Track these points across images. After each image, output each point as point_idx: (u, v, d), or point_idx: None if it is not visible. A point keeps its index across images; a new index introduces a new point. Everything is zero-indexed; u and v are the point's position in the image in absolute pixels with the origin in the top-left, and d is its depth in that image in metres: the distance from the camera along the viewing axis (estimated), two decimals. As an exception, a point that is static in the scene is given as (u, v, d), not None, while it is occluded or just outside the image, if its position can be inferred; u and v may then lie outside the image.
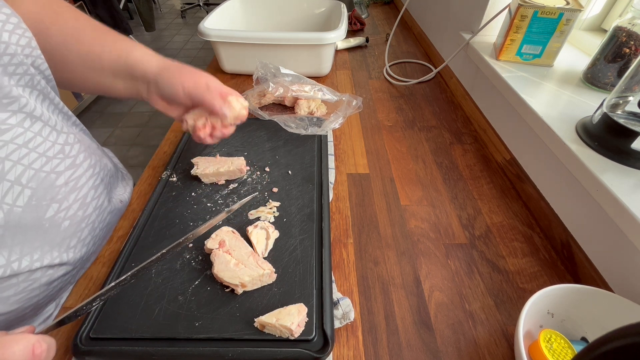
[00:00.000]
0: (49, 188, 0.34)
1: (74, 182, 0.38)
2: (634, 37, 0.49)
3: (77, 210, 0.38)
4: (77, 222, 0.39)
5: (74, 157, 0.38)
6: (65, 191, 0.37)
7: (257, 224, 0.44)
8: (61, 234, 0.37)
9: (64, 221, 0.37)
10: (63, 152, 0.37)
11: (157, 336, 0.34)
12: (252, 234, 0.42)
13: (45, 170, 0.34)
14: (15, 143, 0.31)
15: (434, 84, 0.85)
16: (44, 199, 0.34)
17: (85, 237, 0.41)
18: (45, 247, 0.35)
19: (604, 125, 0.43)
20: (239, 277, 0.37)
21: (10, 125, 0.31)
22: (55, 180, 0.35)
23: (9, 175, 0.31)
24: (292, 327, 0.33)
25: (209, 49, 3.21)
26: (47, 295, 0.38)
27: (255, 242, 0.41)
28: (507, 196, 0.55)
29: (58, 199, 0.36)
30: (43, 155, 0.34)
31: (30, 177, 0.33)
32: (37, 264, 0.34)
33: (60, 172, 0.36)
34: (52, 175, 0.35)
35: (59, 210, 0.36)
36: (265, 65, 0.71)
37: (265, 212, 0.47)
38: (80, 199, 0.39)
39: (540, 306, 0.35)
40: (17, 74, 0.32)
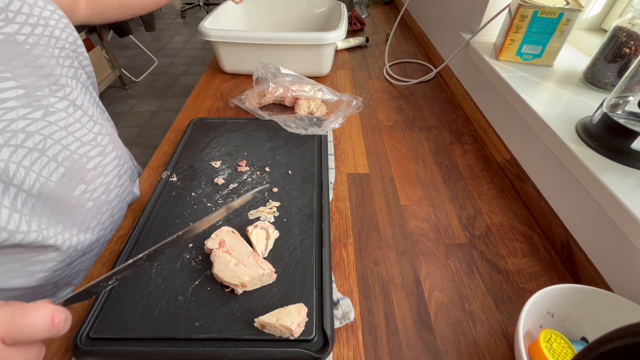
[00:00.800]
0: (80, 169, 0.38)
1: (101, 168, 0.42)
2: (634, 37, 0.49)
3: (102, 194, 0.42)
4: (99, 204, 0.42)
5: (104, 147, 0.43)
6: (94, 175, 0.40)
7: (257, 224, 0.44)
8: (84, 214, 0.40)
9: (88, 202, 0.40)
10: (95, 140, 0.41)
11: (157, 336, 0.34)
12: (252, 234, 0.42)
13: (79, 153, 0.38)
14: (58, 125, 0.35)
15: (434, 84, 0.85)
16: (74, 179, 0.38)
17: (104, 220, 0.44)
18: (67, 223, 0.38)
19: (604, 125, 0.43)
20: (239, 277, 0.37)
21: (57, 109, 0.35)
22: (86, 163, 0.39)
23: (49, 152, 0.34)
24: (292, 327, 0.33)
25: (209, 49, 3.21)
26: (67, 276, 0.40)
27: (255, 242, 0.41)
28: (507, 196, 0.55)
29: (86, 180, 0.39)
30: (79, 139, 0.38)
31: (65, 156, 0.36)
32: (64, 241, 0.37)
33: (91, 157, 0.40)
34: (84, 158, 0.39)
35: (85, 191, 0.39)
36: (265, 65, 0.71)
37: (265, 212, 0.47)
38: (105, 184, 0.43)
39: (540, 306, 0.35)
40: (66, 66, 0.37)
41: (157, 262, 0.41)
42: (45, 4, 0.35)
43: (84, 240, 0.40)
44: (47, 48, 0.34)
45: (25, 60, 0.32)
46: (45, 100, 0.34)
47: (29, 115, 0.32)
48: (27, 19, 0.32)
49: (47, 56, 0.34)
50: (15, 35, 0.32)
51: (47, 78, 0.34)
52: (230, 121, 0.65)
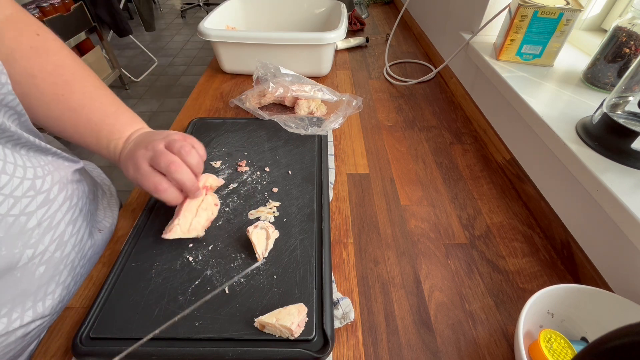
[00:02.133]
0: (19, 233, 0.31)
1: (48, 221, 0.34)
2: (634, 37, 0.49)
3: (54, 252, 0.35)
4: (54, 265, 0.35)
5: (47, 192, 0.35)
6: (39, 233, 0.33)
7: (257, 224, 0.43)
8: (37, 282, 0.33)
9: (39, 267, 0.33)
10: (34, 188, 0.33)
11: (157, 336, 0.34)
12: (252, 234, 0.42)
13: (14, 214, 0.30)
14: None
15: (434, 84, 0.85)
16: (15, 247, 0.30)
17: (64, 279, 0.37)
18: (17, 300, 0.32)
19: (604, 125, 0.43)
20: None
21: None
22: (26, 222, 0.32)
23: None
24: (292, 327, 0.33)
25: (209, 49, 3.21)
26: (24, 346, 0.36)
27: (256, 242, 0.41)
28: (507, 196, 0.55)
29: (31, 243, 0.32)
30: (10, 196, 0.30)
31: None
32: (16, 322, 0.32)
33: (31, 212, 0.32)
34: (22, 217, 0.31)
35: (33, 256, 0.32)
36: (265, 65, 0.71)
37: (265, 212, 0.47)
38: (57, 239, 0.35)
39: (540, 306, 0.35)
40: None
41: (157, 262, 0.41)
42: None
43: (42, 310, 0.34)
44: None
45: None
46: None
47: None
48: None
49: None
50: None
51: None
52: (230, 121, 0.65)
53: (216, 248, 0.43)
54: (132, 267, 0.41)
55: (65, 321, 0.38)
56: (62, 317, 0.39)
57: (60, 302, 0.37)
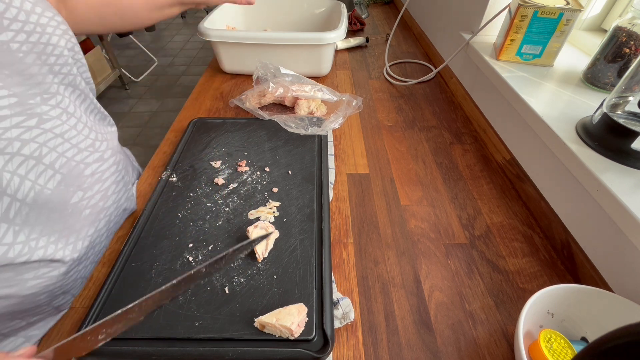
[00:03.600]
0: (77, 176, 0.38)
1: (99, 175, 0.41)
2: (634, 37, 0.49)
3: (99, 200, 0.41)
4: (97, 211, 0.41)
5: (102, 152, 0.42)
6: (91, 181, 0.40)
7: (257, 224, 0.44)
8: (81, 221, 0.39)
9: (85, 209, 0.39)
10: (93, 146, 0.40)
11: (157, 336, 0.34)
12: (252, 234, 0.42)
13: (76, 160, 0.38)
14: (53, 132, 0.35)
15: (434, 84, 0.85)
16: (72, 186, 0.37)
17: (101, 227, 0.43)
18: (64, 231, 0.37)
19: (604, 125, 0.43)
20: None
21: (50, 116, 0.35)
22: (84, 170, 0.39)
23: (45, 159, 0.34)
24: (292, 327, 0.33)
25: (209, 49, 3.21)
26: (62, 285, 0.39)
27: None
28: (507, 196, 0.55)
29: (84, 187, 0.39)
30: (76, 146, 0.38)
31: (62, 163, 0.36)
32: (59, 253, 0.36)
33: (88, 163, 0.39)
34: (82, 165, 0.38)
35: (82, 198, 0.39)
36: (265, 65, 0.71)
37: (265, 212, 0.47)
38: (103, 191, 0.42)
39: (540, 306, 0.35)
40: (62, 73, 0.36)
41: (157, 262, 0.41)
42: (43, 10, 0.34)
43: (80, 248, 0.39)
44: (40, 56, 0.34)
45: (18, 68, 0.32)
46: (39, 108, 0.34)
47: (23, 124, 0.32)
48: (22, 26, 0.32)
49: (39, 64, 0.34)
50: (10, 43, 0.31)
51: (38, 86, 0.34)
52: (230, 121, 0.65)
53: (216, 248, 0.43)
54: (132, 267, 0.41)
55: (65, 321, 0.38)
56: (62, 317, 0.39)
57: (92, 248, 0.42)
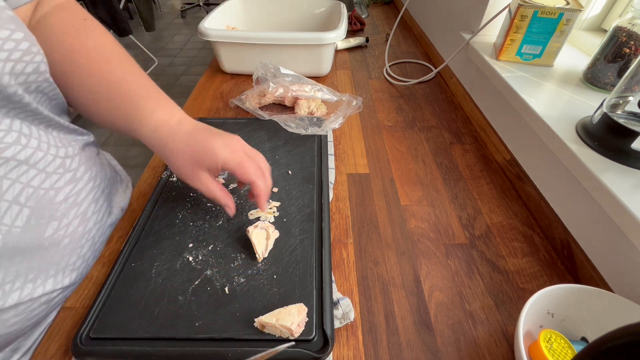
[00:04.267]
0: (48, 205, 0.33)
1: (73, 198, 0.37)
2: (634, 37, 0.49)
3: (78, 226, 0.37)
4: (77, 238, 0.37)
5: (75, 171, 0.37)
6: (65, 207, 0.36)
7: (257, 224, 0.44)
8: (60, 252, 0.35)
9: (63, 239, 0.36)
10: (63, 166, 0.36)
11: (157, 336, 0.34)
12: (252, 234, 0.42)
13: (45, 187, 0.33)
14: (16, 159, 0.30)
15: (434, 84, 0.85)
16: (43, 217, 0.33)
17: (85, 252, 0.39)
18: (42, 267, 0.34)
19: (604, 125, 0.43)
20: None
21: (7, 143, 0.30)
22: (55, 196, 0.34)
23: (7, 195, 0.30)
24: (292, 327, 0.33)
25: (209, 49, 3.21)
26: (47, 310, 0.37)
27: (256, 242, 0.41)
28: (507, 196, 0.55)
29: (57, 216, 0.35)
30: (43, 171, 0.33)
31: (29, 195, 0.31)
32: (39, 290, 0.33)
33: (59, 187, 0.35)
34: (51, 192, 0.34)
35: (58, 228, 0.35)
36: (265, 65, 0.71)
37: (265, 212, 0.47)
38: (81, 215, 0.38)
39: (540, 306, 0.35)
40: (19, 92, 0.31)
41: (157, 262, 0.41)
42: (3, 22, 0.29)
43: (62, 279, 0.36)
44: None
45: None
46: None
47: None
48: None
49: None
50: None
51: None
52: (230, 121, 0.65)
53: (216, 248, 0.43)
54: (132, 267, 0.41)
55: (65, 321, 0.38)
56: (62, 317, 0.39)
57: (80, 275, 0.39)
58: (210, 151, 0.38)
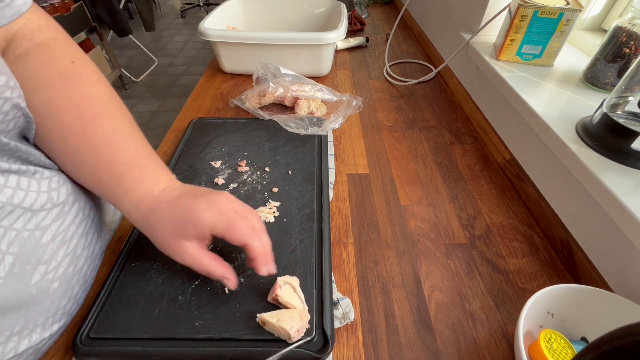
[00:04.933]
0: (34, 249, 0.30)
1: (62, 235, 0.33)
2: (634, 37, 0.49)
3: (68, 266, 0.33)
4: (67, 280, 0.34)
5: (63, 204, 0.33)
6: (53, 248, 0.32)
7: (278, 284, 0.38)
8: (50, 298, 0.32)
9: (52, 283, 0.32)
10: (51, 200, 0.32)
11: (157, 336, 0.34)
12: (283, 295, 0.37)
13: (29, 229, 0.29)
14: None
15: (434, 84, 0.85)
16: (29, 263, 0.29)
17: (76, 293, 0.36)
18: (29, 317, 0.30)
19: (604, 125, 0.43)
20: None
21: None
22: (41, 237, 0.30)
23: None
24: (291, 332, 0.33)
25: (209, 49, 3.21)
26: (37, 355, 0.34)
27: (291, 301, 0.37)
28: (507, 196, 0.55)
29: (45, 259, 0.31)
30: (28, 210, 0.29)
31: (11, 240, 0.28)
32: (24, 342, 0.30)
33: (46, 226, 0.31)
34: (37, 232, 0.30)
35: (46, 272, 0.31)
36: (265, 65, 0.71)
37: (265, 213, 0.47)
38: (71, 253, 0.34)
39: (540, 306, 0.35)
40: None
41: (157, 262, 0.41)
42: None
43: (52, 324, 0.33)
44: None
45: None
46: None
47: None
48: None
49: None
50: None
51: None
52: (230, 121, 0.65)
53: (216, 248, 0.43)
54: (132, 267, 0.41)
55: (65, 321, 0.38)
56: (62, 317, 0.39)
57: (70, 317, 0.36)
58: (194, 216, 0.33)
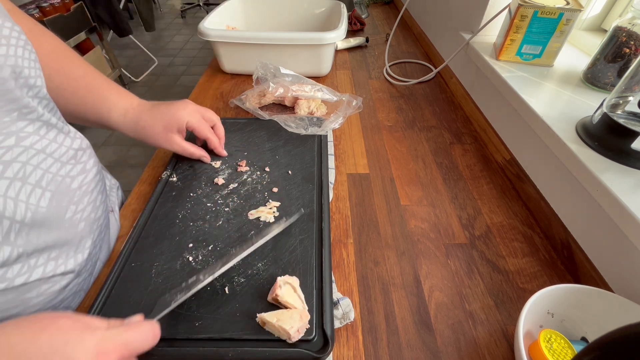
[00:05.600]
0: (66, 191, 0.37)
1: (86, 186, 0.40)
2: (634, 37, 0.49)
3: (90, 212, 0.40)
4: (90, 223, 0.40)
5: (84, 163, 0.41)
6: (80, 194, 0.39)
7: (278, 284, 0.38)
8: (78, 235, 0.38)
9: (80, 222, 0.38)
10: (75, 157, 0.39)
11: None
12: (283, 295, 0.37)
13: (62, 174, 0.36)
14: (34, 148, 0.33)
15: (434, 84, 0.85)
16: (63, 201, 0.36)
17: (95, 238, 0.42)
18: (63, 247, 0.37)
19: (604, 125, 0.43)
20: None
21: (28, 132, 0.33)
22: (71, 183, 0.38)
23: (30, 179, 0.33)
24: (291, 332, 0.33)
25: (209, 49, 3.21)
26: (64, 299, 0.38)
27: (292, 301, 0.37)
28: (507, 196, 0.55)
29: (75, 201, 0.38)
30: (58, 160, 0.36)
31: (49, 180, 0.35)
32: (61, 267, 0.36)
33: (74, 176, 0.38)
34: (67, 179, 0.37)
35: (76, 212, 0.38)
36: (265, 65, 0.71)
37: (265, 212, 0.47)
38: (92, 202, 0.41)
39: (540, 306, 0.35)
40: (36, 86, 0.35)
41: (157, 262, 0.41)
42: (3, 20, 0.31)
43: (81, 261, 0.39)
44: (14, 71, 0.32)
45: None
46: (14, 126, 0.32)
47: (1, 144, 0.30)
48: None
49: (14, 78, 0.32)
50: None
51: (13, 102, 0.32)
52: (230, 121, 0.65)
53: (216, 248, 0.43)
54: (132, 267, 0.41)
55: (65, 321, 0.38)
56: (62, 317, 0.39)
57: (89, 261, 0.41)
58: (175, 115, 0.49)
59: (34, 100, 0.34)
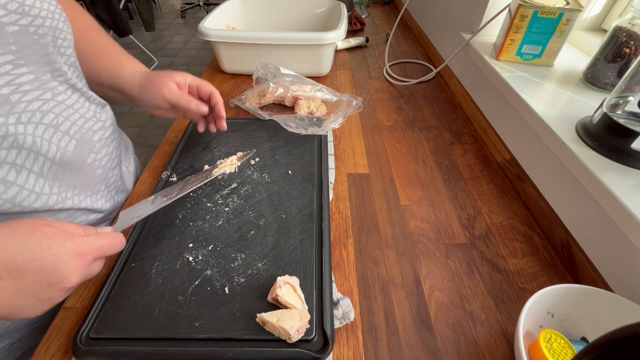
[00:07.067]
0: (88, 141, 0.44)
1: (104, 140, 0.47)
2: (634, 37, 0.49)
3: (107, 162, 0.48)
4: (106, 170, 0.48)
5: (104, 122, 0.48)
6: (99, 146, 0.46)
7: (278, 284, 0.37)
8: (95, 178, 0.46)
9: (97, 169, 0.46)
10: (96, 116, 0.46)
11: (157, 336, 0.34)
12: (283, 295, 0.36)
13: (85, 128, 0.44)
14: (65, 104, 0.41)
15: (434, 84, 0.85)
16: (85, 149, 0.43)
17: (110, 184, 0.50)
18: (84, 187, 0.44)
19: (604, 125, 0.43)
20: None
21: (60, 91, 0.40)
22: (92, 136, 0.45)
23: (62, 127, 0.40)
24: (291, 332, 0.33)
25: (209, 49, 3.21)
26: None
27: (291, 301, 0.36)
28: (507, 196, 0.55)
29: (95, 150, 0.45)
30: (83, 116, 0.44)
31: (75, 130, 0.42)
32: (83, 203, 0.44)
33: (95, 130, 0.45)
34: (90, 132, 0.44)
35: (95, 159, 0.45)
36: (265, 65, 0.71)
37: (228, 164, 0.52)
38: (109, 154, 0.48)
39: (540, 306, 0.35)
40: (66, 55, 0.41)
41: (157, 262, 0.41)
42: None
43: (96, 200, 0.47)
44: (54, 39, 0.38)
45: (34, 49, 0.36)
46: (50, 84, 0.39)
47: (41, 97, 0.37)
48: (39, 12, 0.36)
49: (52, 45, 0.38)
50: (28, 27, 0.35)
51: (49, 65, 0.39)
52: (230, 121, 0.65)
53: (216, 248, 0.43)
54: (132, 267, 0.41)
55: (65, 321, 0.38)
56: (62, 317, 0.39)
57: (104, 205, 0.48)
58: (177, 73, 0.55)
59: (64, 65, 0.41)
